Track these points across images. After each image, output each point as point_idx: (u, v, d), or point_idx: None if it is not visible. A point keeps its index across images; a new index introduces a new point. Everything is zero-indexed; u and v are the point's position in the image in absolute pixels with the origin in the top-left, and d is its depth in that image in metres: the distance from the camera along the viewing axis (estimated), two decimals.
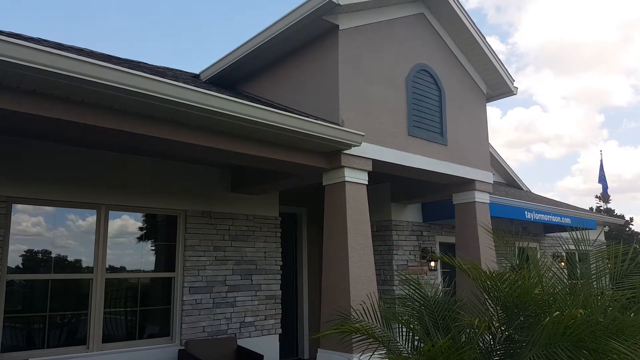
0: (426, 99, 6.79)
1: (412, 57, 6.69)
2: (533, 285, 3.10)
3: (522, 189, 14.05)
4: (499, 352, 3.10)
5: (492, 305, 3.32)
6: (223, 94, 4.57)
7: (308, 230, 9.12)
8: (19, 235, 5.45)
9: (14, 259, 5.39)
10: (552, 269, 3.51)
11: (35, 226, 5.62)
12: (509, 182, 13.97)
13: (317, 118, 5.51)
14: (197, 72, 7.42)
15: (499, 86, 8.01)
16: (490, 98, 8.22)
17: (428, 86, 6.86)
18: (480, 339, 3.15)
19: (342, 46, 5.79)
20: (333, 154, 5.64)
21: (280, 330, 7.37)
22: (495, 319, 3.20)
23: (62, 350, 5.48)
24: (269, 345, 7.13)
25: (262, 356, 6.07)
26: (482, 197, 7.48)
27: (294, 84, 6.30)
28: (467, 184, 7.39)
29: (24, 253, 5.48)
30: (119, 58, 6.69)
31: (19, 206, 5.47)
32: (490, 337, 3.18)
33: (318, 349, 5.47)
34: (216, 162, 6.78)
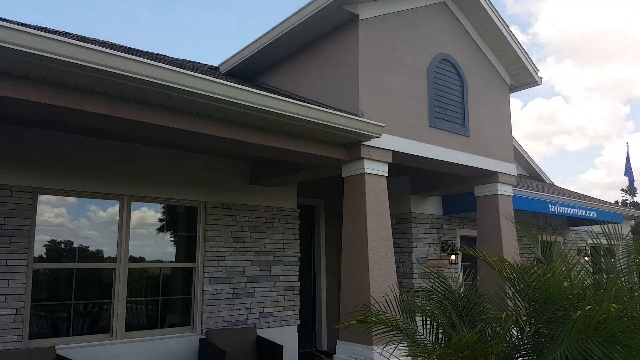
0: (448, 89, 6.67)
1: (433, 46, 6.58)
2: (562, 279, 3.02)
3: (545, 182, 13.81)
4: (526, 347, 3.04)
5: (519, 298, 3.25)
6: (242, 85, 4.55)
7: (326, 222, 9.10)
8: (43, 226, 5.53)
9: (39, 249, 5.47)
10: (581, 262, 3.42)
11: (58, 217, 5.69)
12: (531, 174, 13.73)
13: (336, 109, 5.46)
14: (215, 64, 7.43)
15: (523, 76, 7.84)
16: (514, 88, 8.05)
17: (450, 76, 6.74)
18: (507, 333, 3.08)
19: (362, 36, 5.72)
20: (352, 145, 5.59)
21: (298, 322, 7.38)
22: (522, 313, 3.14)
23: (87, 338, 5.57)
24: (287, 335, 7.15)
25: (281, 346, 6.08)
26: (505, 190, 7.35)
27: (313, 75, 6.25)
28: (489, 176, 7.27)
29: (48, 243, 5.56)
30: (140, 50, 6.72)
31: (43, 197, 5.55)
32: (518, 331, 3.11)
33: (337, 341, 5.45)
34: (235, 154, 6.78)
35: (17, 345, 5.00)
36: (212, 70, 7.11)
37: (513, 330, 3.13)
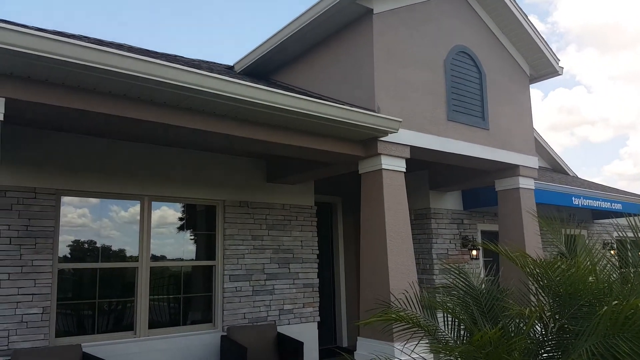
0: (466, 82, 6.58)
1: (450, 39, 6.49)
2: (587, 274, 2.95)
3: (568, 174, 13.54)
4: (551, 343, 2.98)
5: (543, 294, 3.19)
6: (257, 84, 4.56)
7: (344, 219, 9.08)
8: (66, 227, 5.63)
9: (63, 249, 5.58)
10: (606, 256, 3.34)
11: (81, 217, 5.79)
12: (554, 167, 13.48)
13: (352, 105, 5.42)
14: (230, 63, 7.46)
15: (543, 67, 7.68)
16: (534, 79, 7.90)
17: (468, 69, 6.64)
18: (531, 329, 3.02)
19: (377, 30, 5.66)
20: (369, 141, 5.55)
21: (318, 318, 7.39)
22: (546, 309, 3.07)
23: (111, 336, 5.66)
24: (308, 332, 7.16)
25: (301, 343, 6.10)
26: (526, 183, 7.22)
27: (328, 71, 6.22)
28: (510, 170, 7.15)
29: (71, 243, 5.67)
30: (156, 52, 6.78)
31: (65, 198, 5.65)
32: (541, 327, 3.05)
33: (358, 337, 5.44)
34: (252, 153, 6.81)
35: (44, 343, 5.11)
36: (228, 70, 7.14)
37: (537, 326, 3.07)
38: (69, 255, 5.63)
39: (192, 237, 6.65)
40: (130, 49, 6.15)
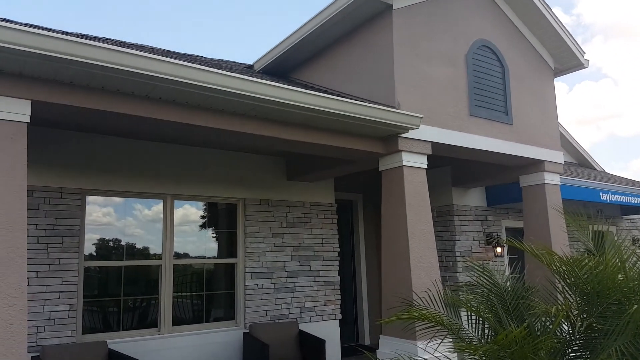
0: (488, 76, 6.46)
1: (471, 33, 6.38)
2: (616, 271, 2.86)
3: (595, 169, 13.21)
4: (578, 342, 2.90)
5: (569, 292, 3.11)
6: (277, 82, 4.56)
7: (365, 217, 9.04)
8: (92, 225, 5.74)
9: (88, 247, 5.68)
10: (636, 253, 3.23)
11: (106, 216, 5.89)
12: (580, 161, 13.16)
13: (372, 102, 5.38)
14: (250, 62, 7.49)
15: (568, 59, 7.49)
16: (558, 72, 7.71)
17: (490, 63, 6.52)
18: (557, 328, 2.95)
19: (397, 26, 5.60)
20: (390, 138, 5.50)
21: (340, 316, 7.37)
22: (573, 307, 2.99)
23: (136, 333, 5.75)
24: (329, 330, 7.16)
25: (323, 341, 6.09)
26: (552, 179, 7.07)
27: (347, 68, 6.19)
28: (535, 165, 7.01)
29: (97, 242, 5.77)
30: (177, 52, 6.85)
31: (90, 198, 5.75)
32: (569, 326, 2.98)
33: (380, 336, 5.41)
34: (272, 151, 6.82)
35: (71, 340, 5.22)
36: (247, 69, 7.17)
37: (564, 325, 2.99)
38: (95, 254, 5.73)
39: (214, 235, 6.70)
40: (152, 50, 6.22)
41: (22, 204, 3.43)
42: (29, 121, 3.61)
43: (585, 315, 2.95)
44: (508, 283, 3.47)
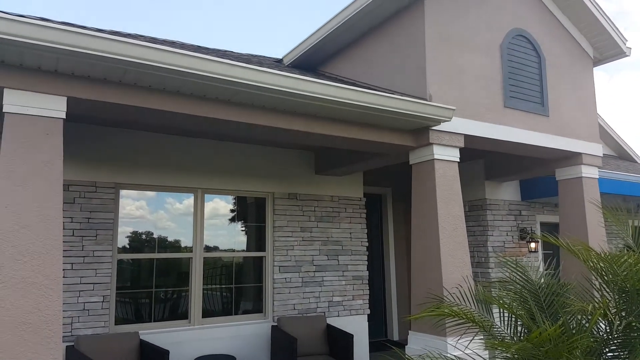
0: (524, 66, 6.26)
1: (506, 22, 6.19)
2: None
3: (636, 162, 12.67)
4: (616, 341, 2.77)
5: (607, 289, 2.98)
6: (306, 76, 4.53)
7: (394, 211, 8.94)
8: (125, 218, 5.86)
9: (122, 240, 5.82)
10: None
11: (139, 209, 6.01)
12: (620, 154, 12.64)
13: (403, 94, 5.29)
14: (279, 56, 7.48)
15: (608, 48, 7.18)
16: (598, 61, 7.40)
17: (526, 52, 6.31)
18: (594, 327, 2.83)
19: (428, 16, 5.48)
20: (420, 131, 5.40)
21: (368, 311, 7.32)
22: (611, 305, 2.86)
23: (167, 324, 5.86)
24: (357, 325, 7.12)
25: (351, 335, 6.06)
26: (589, 172, 6.81)
27: (377, 60, 6.10)
28: (572, 158, 6.76)
29: (130, 234, 5.90)
30: (207, 48, 6.90)
31: (124, 191, 5.88)
32: (606, 324, 2.85)
33: (409, 331, 5.34)
34: (301, 145, 6.81)
35: (104, 330, 5.36)
36: (277, 63, 7.17)
37: (601, 324, 2.87)
38: (128, 246, 5.86)
39: (243, 229, 6.76)
40: (183, 45, 6.30)
41: (58, 198, 3.52)
42: (64, 117, 3.70)
43: (623, 314, 2.82)
44: (542, 279, 3.35)
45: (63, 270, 5.19)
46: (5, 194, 3.35)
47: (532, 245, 8.29)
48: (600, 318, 2.74)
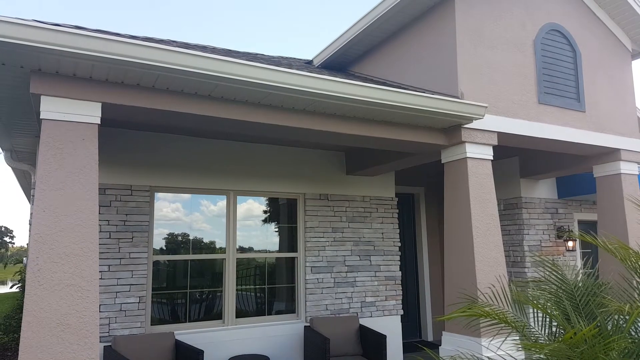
0: (559, 61, 6.09)
1: (540, 16, 6.04)
2: None
3: None
4: None
5: None
6: (336, 77, 4.54)
7: (427, 210, 8.84)
8: (161, 220, 6.02)
9: (157, 241, 5.97)
10: None
11: (174, 212, 6.16)
12: None
13: (434, 92, 5.24)
14: (309, 57, 7.53)
15: None
16: (637, 55, 7.13)
17: (560, 47, 6.15)
18: (632, 327, 2.74)
19: (459, 12, 5.41)
20: (452, 129, 5.34)
21: (401, 312, 7.27)
22: None
23: (202, 325, 5.98)
24: (391, 325, 7.08)
25: (384, 336, 6.03)
26: (629, 168, 6.56)
27: (408, 59, 6.06)
28: (610, 154, 6.54)
29: (166, 236, 6.05)
30: (238, 51, 7.02)
31: (160, 194, 6.04)
32: None
33: (443, 332, 5.27)
34: (331, 146, 6.83)
35: (141, 331, 5.52)
36: (307, 65, 7.21)
37: (639, 325, 2.77)
38: (163, 248, 6.02)
39: (275, 230, 6.83)
40: (214, 50, 6.42)
41: (94, 202, 3.63)
42: (99, 122, 3.83)
43: None
44: (579, 278, 3.26)
45: (100, 272, 5.38)
46: (43, 198, 3.48)
47: (570, 244, 8.05)
48: (638, 318, 2.65)
